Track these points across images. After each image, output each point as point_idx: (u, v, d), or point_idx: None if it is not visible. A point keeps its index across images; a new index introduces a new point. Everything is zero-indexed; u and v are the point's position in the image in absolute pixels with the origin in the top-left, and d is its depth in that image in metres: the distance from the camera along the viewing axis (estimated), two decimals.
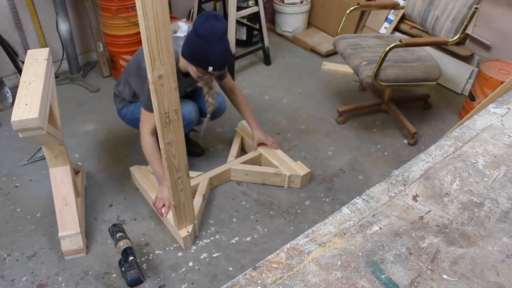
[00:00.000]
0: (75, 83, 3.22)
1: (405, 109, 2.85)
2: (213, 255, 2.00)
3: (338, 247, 0.88)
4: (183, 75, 2.06)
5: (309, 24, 3.98)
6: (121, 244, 1.83)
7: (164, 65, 1.45)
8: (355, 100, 3.07)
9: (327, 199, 2.30)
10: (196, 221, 2.05)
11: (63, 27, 3.02)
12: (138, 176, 2.29)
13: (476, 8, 2.30)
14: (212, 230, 2.13)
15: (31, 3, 2.98)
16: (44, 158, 2.07)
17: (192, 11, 3.61)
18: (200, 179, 2.28)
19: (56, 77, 3.19)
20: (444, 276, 0.83)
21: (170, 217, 2.03)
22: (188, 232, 2.00)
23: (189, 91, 2.29)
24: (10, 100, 2.98)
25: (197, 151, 2.58)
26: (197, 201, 2.13)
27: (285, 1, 3.77)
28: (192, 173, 2.28)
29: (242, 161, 2.40)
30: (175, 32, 3.11)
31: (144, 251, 2.02)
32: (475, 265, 0.85)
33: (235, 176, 2.38)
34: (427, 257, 0.86)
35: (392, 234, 0.91)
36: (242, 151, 2.60)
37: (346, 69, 3.35)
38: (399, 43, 2.33)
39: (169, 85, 1.51)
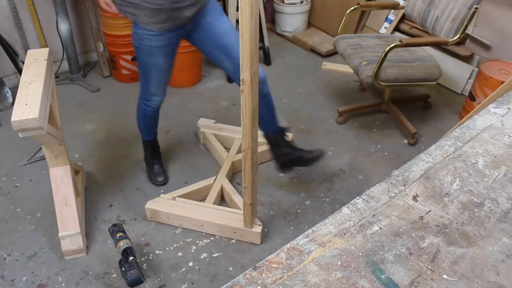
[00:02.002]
0: (75, 83, 3.22)
1: (405, 109, 2.85)
2: (213, 255, 2.00)
3: (338, 247, 0.88)
4: None
5: (309, 24, 3.98)
6: (121, 244, 1.83)
7: (256, 62, 1.47)
8: (355, 100, 3.07)
9: (327, 199, 2.30)
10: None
11: (63, 27, 3.02)
12: (162, 208, 2.11)
13: (476, 8, 2.29)
14: None
15: (31, 3, 2.98)
16: (44, 158, 2.07)
17: None
18: (221, 181, 2.28)
19: (56, 77, 3.19)
20: (444, 276, 0.83)
21: (234, 222, 2.03)
22: (260, 225, 2.03)
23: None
24: (10, 100, 2.98)
25: (313, 155, 2.33)
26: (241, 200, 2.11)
27: (285, 1, 3.77)
28: (208, 180, 2.29)
29: (236, 152, 2.46)
30: None
31: (144, 251, 2.02)
32: (475, 265, 0.85)
33: (238, 167, 2.38)
34: (427, 257, 0.86)
35: (392, 234, 0.91)
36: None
37: (346, 69, 3.35)
38: (399, 43, 2.33)
39: (258, 79, 1.54)
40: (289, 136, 2.34)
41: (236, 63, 1.66)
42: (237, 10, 3.17)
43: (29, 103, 1.65)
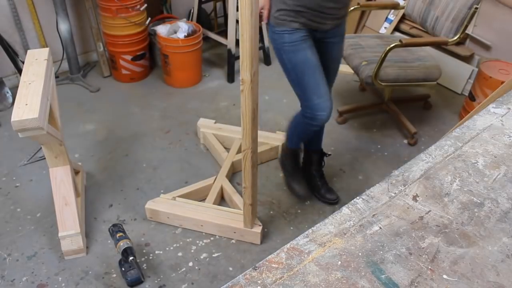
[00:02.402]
0: (75, 83, 3.22)
1: (405, 109, 2.85)
2: (213, 255, 2.00)
3: (338, 247, 0.88)
4: None
5: None
6: (121, 244, 1.84)
7: (256, 62, 1.47)
8: (355, 100, 3.07)
9: None
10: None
11: (63, 27, 3.02)
12: (162, 208, 2.11)
13: (476, 8, 2.29)
14: None
15: (31, 3, 2.98)
16: (44, 158, 2.07)
17: (192, 11, 3.61)
18: (221, 181, 2.28)
19: (56, 77, 3.19)
20: (444, 276, 0.83)
21: (234, 222, 2.03)
22: (260, 225, 2.03)
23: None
24: (10, 100, 2.98)
25: (332, 197, 2.33)
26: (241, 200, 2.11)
27: None
28: (208, 181, 2.29)
29: (236, 152, 2.46)
30: (175, 32, 3.11)
31: (144, 251, 2.02)
32: (475, 265, 0.85)
33: (238, 167, 2.38)
34: (427, 257, 0.86)
35: (392, 234, 0.91)
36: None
37: (346, 69, 3.34)
38: (399, 43, 2.33)
39: (258, 79, 1.53)
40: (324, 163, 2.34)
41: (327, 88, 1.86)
42: (237, 10, 3.17)
43: (29, 103, 1.65)
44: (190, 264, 1.96)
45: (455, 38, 2.39)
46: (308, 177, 2.32)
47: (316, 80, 1.83)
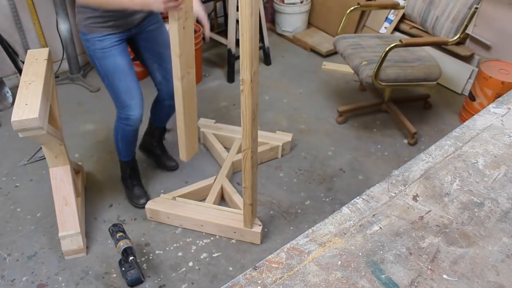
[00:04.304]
0: (75, 83, 3.22)
1: (405, 109, 2.85)
2: (213, 255, 2.00)
3: (338, 247, 0.88)
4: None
5: (309, 24, 3.97)
6: (121, 244, 1.83)
7: (256, 62, 1.49)
8: (355, 100, 3.07)
9: (327, 199, 2.30)
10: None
11: (63, 27, 3.02)
12: (162, 208, 2.11)
13: (476, 8, 2.30)
14: None
15: (31, 3, 2.98)
16: (44, 158, 2.07)
17: None
18: (221, 181, 2.27)
19: (56, 77, 3.19)
20: (444, 276, 0.83)
21: (234, 222, 2.03)
22: (260, 225, 2.03)
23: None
24: (10, 100, 2.98)
25: (172, 164, 2.46)
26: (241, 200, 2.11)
27: (285, 1, 3.77)
28: (208, 180, 2.29)
29: (236, 152, 2.46)
30: None
31: (144, 251, 2.02)
32: (475, 265, 0.85)
33: (238, 167, 2.38)
34: (427, 257, 0.86)
35: (392, 234, 0.91)
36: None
37: (346, 69, 3.35)
38: (399, 43, 2.33)
39: (258, 79, 1.55)
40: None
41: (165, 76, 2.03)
42: (237, 10, 3.17)
43: (29, 103, 1.65)
44: (190, 264, 1.96)
45: (455, 38, 2.39)
46: (149, 148, 2.45)
47: (127, 84, 1.94)
